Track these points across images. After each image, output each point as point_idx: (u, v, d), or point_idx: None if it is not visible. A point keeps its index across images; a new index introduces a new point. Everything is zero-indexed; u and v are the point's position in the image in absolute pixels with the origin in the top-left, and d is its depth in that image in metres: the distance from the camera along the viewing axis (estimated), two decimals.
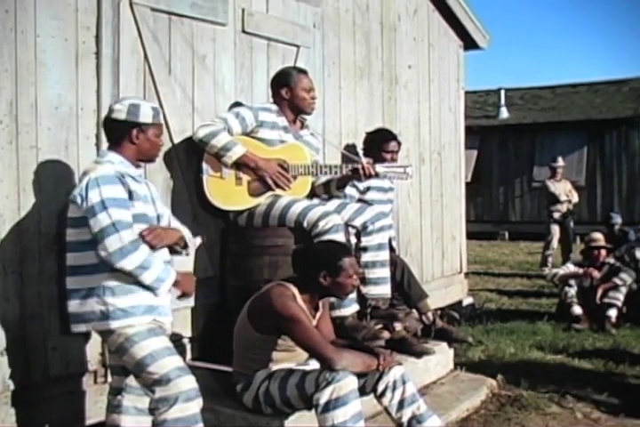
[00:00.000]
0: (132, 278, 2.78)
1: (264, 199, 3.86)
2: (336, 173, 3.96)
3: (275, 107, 3.99)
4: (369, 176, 3.93)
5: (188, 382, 2.81)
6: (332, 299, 3.52)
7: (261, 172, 3.80)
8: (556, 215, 10.16)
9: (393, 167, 4.03)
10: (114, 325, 2.77)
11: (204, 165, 3.78)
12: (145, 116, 2.94)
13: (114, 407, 2.97)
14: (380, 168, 3.95)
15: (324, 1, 5.00)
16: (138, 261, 2.72)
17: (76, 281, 2.80)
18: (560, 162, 10.57)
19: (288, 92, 3.97)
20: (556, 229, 10.12)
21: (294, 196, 3.91)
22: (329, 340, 3.33)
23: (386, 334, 3.83)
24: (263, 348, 3.22)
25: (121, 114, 2.92)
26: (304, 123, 4.14)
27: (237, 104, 4.18)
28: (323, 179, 4.12)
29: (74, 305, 2.85)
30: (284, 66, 4.50)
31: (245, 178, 3.83)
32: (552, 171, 10.56)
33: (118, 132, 2.95)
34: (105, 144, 3.47)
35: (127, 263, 2.71)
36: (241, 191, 3.83)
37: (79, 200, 2.78)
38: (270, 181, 3.82)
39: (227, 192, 3.81)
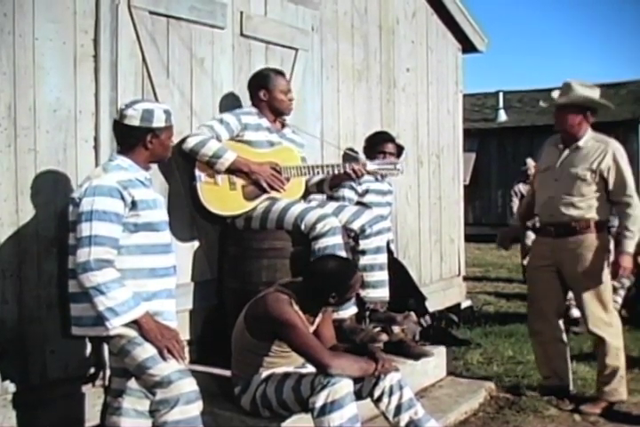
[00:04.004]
0: (133, 285, 2.78)
1: (260, 202, 3.87)
2: (328, 172, 3.99)
3: (254, 109, 4.03)
4: (361, 175, 3.96)
5: (189, 385, 2.81)
6: None
7: (255, 175, 3.82)
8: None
9: (383, 164, 4.06)
10: (112, 331, 2.75)
11: (197, 172, 3.77)
12: (158, 120, 2.92)
13: (114, 409, 2.96)
14: (370, 166, 3.98)
15: (323, 4, 5.00)
16: (94, 281, 2.67)
17: (78, 284, 2.79)
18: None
19: (266, 93, 4.01)
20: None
21: (289, 197, 3.92)
22: (330, 344, 3.34)
23: (384, 337, 3.83)
24: (259, 353, 3.22)
25: (134, 120, 2.88)
26: (284, 122, 4.16)
27: (231, 95, 4.22)
28: (316, 178, 4.15)
29: (75, 308, 2.85)
30: (282, 68, 4.52)
31: (239, 182, 3.84)
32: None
33: (131, 138, 2.91)
34: (103, 147, 3.51)
35: (85, 279, 2.68)
36: (236, 196, 3.84)
37: (76, 203, 2.79)
38: (265, 184, 3.83)
39: (222, 197, 3.81)
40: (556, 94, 4.20)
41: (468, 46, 6.88)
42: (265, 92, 4.01)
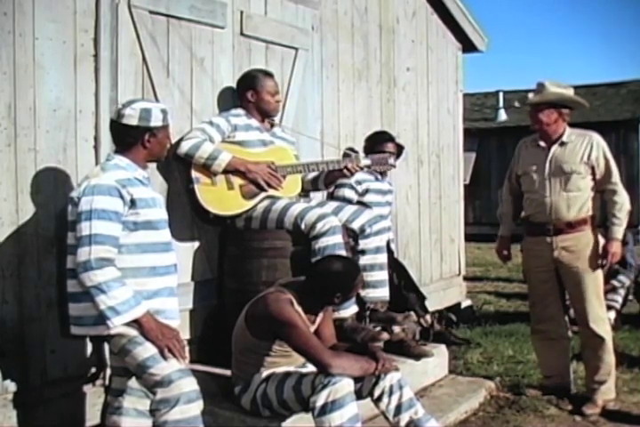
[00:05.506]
0: (133, 283, 2.78)
1: (259, 201, 3.87)
2: (323, 169, 4.01)
3: (242, 111, 4.04)
4: (354, 172, 4.00)
5: (190, 384, 2.81)
6: None
7: (252, 174, 3.82)
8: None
9: (375, 159, 4.08)
10: (113, 330, 2.75)
11: (194, 174, 3.77)
12: (156, 119, 2.92)
13: (114, 409, 2.96)
14: (363, 162, 4.02)
15: (323, 3, 5.00)
16: (95, 281, 2.67)
17: (77, 284, 2.79)
18: None
19: (254, 94, 4.03)
20: None
21: (287, 194, 3.94)
22: (330, 344, 3.34)
23: (385, 336, 3.83)
24: (260, 353, 3.22)
25: (132, 119, 2.88)
26: (273, 122, 4.18)
27: (231, 95, 4.22)
28: (310, 175, 4.17)
29: (74, 308, 2.85)
30: (282, 68, 4.53)
31: (237, 182, 3.84)
32: None
33: (129, 138, 2.91)
34: (103, 146, 3.50)
35: (86, 279, 2.68)
36: (234, 195, 3.84)
37: (75, 203, 2.79)
38: (262, 183, 3.84)
39: (220, 198, 3.81)
40: (531, 95, 4.25)
41: (468, 46, 6.88)
42: (252, 92, 4.03)
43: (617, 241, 4.08)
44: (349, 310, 3.81)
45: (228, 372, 3.44)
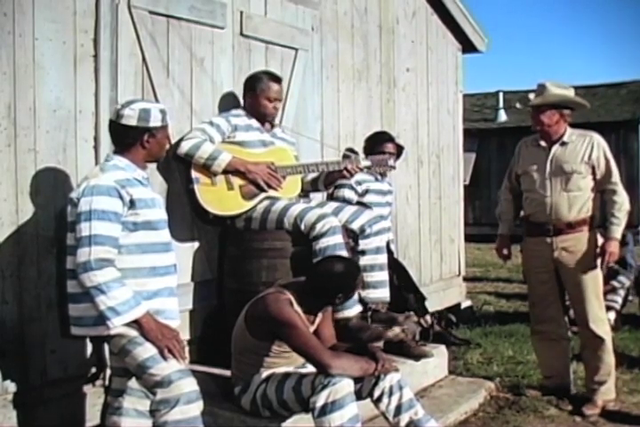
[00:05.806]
0: (133, 284, 2.78)
1: (259, 202, 3.87)
2: (323, 170, 4.02)
3: (242, 111, 4.05)
4: (354, 173, 4.01)
5: (190, 385, 2.81)
6: None
7: (252, 174, 3.83)
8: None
9: (375, 160, 4.09)
10: (113, 330, 2.75)
11: (194, 175, 3.77)
12: (155, 120, 2.92)
13: (114, 409, 2.96)
14: (362, 163, 4.03)
15: (323, 4, 5.00)
16: (95, 281, 2.67)
17: (77, 284, 2.79)
18: None
19: (252, 96, 4.03)
20: None
21: (286, 195, 3.94)
22: (330, 344, 3.34)
23: (390, 334, 3.83)
24: (259, 353, 3.22)
25: (131, 120, 2.88)
26: (273, 123, 4.17)
27: (231, 95, 4.24)
28: (310, 176, 4.18)
29: (74, 308, 2.85)
30: (282, 68, 4.53)
31: (237, 182, 3.84)
32: None
33: (128, 138, 2.91)
34: (103, 147, 3.50)
35: (86, 279, 2.68)
36: (234, 196, 3.84)
37: (75, 203, 2.79)
38: (262, 183, 3.84)
39: (220, 198, 3.81)
40: (532, 96, 4.25)
41: (467, 46, 6.89)
42: (251, 94, 4.03)
43: (615, 240, 4.08)
44: (354, 309, 3.82)
45: (227, 372, 3.44)
